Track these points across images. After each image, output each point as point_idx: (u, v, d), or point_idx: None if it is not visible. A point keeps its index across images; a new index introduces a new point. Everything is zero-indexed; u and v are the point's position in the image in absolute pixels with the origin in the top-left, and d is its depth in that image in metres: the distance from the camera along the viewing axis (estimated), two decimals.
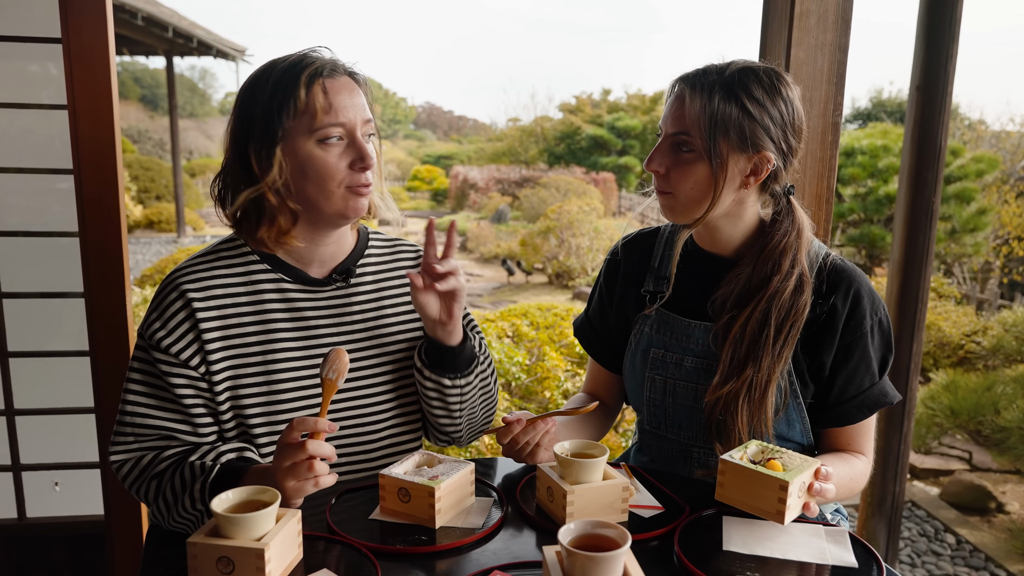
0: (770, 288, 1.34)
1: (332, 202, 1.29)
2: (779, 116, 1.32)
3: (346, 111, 1.27)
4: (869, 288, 1.39)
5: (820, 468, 1.16)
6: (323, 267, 1.40)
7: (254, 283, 1.34)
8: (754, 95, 1.30)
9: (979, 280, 9.01)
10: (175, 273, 1.34)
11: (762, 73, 1.32)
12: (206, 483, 1.22)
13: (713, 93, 1.29)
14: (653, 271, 1.51)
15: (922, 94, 2.54)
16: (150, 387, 1.31)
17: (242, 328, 1.33)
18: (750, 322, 1.34)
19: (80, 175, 1.98)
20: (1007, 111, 30.54)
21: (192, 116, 39.03)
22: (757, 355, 1.33)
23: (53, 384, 2.16)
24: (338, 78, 1.29)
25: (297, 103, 1.25)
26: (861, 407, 1.39)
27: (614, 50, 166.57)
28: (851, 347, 1.37)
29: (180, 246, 12.87)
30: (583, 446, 1.23)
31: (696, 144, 1.31)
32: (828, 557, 1.10)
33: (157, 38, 12.05)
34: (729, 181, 1.33)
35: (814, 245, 1.42)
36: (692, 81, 1.32)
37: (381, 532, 1.15)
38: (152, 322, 1.31)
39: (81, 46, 1.93)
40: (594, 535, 0.97)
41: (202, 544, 0.99)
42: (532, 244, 10.92)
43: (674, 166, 1.34)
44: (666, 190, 1.36)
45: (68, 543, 2.22)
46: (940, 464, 4.41)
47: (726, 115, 1.29)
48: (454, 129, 50.70)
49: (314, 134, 1.26)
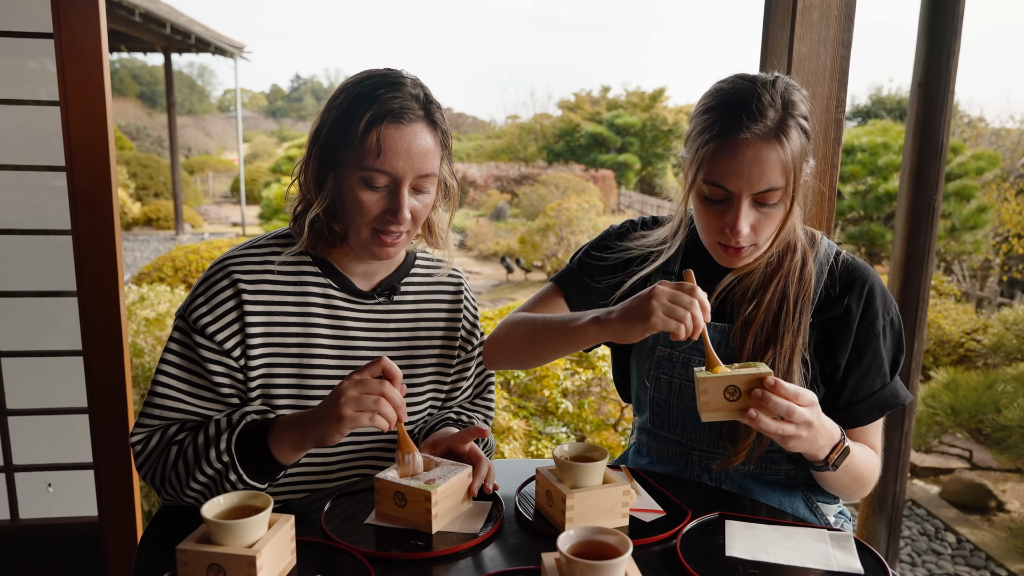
0: (783, 268, 1.35)
1: (359, 239, 1.29)
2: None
3: (397, 162, 1.23)
4: (882, 287, 1.36)
5: (768, 377, 1.12)
6: (369, 280, 1.40)
7: (302, 283, 1.34)
8: (805, 115, 1.27)
9: (979, 278, 9.00)
10: (227, 259, 1.32)
11: (796, 87, 1.28)
12: (232, 435, 1.20)
13: (788, 132, 1.22)
14: (662, 266, 1.46)
15: (924, 91, 2.52)
16: (186, 371, 1.29)
17: (284, 327, 1.32)
18: (771, 305, 1.33)
19: (73, 172, 1.95)
20: (1007, 108, 30.58)
21: (191, 113, 39.00)
22: (778, 334, 1.32)
23: (46, 384, 2.13)
24: (405, 126, 1.23)
25: (353, 137, 1.23)
26: (872, 408, 1.36)
27: (613, 47, 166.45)
28: (863, 347, 1.34)
29: (178, 243, 12.83)
30: (583, 449, 1.21)
31: (778, 196, 1.25)
32: (833, 563, 1.08)
33: (155, 34, 12.01)
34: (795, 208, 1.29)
35: (824, 242, 1.41)
36: (763, 131, 1.21)
37: (377, 537, 1.13)
38: (198, 306, 1.29)
39: (73, 42, 1.90)
40: (594, 542, 0.95)
41: (192, 551, 0.96)
42: (531, 241, 10.91)
43: (759, 220, 1.27)
44: (750, 243, 1.29)
45: (61, 545, 2.20)
46: (940, 463, 4.39)
47: (801, 151, 1.25)
48: (453, 126, 50.31)
49: (360, 172, 1.24)
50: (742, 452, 1.34)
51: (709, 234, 1.32)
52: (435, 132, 1.28)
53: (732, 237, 1.26)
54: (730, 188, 1.24)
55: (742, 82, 1.27)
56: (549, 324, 1.35)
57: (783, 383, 1.12)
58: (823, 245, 1.40)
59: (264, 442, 1.20)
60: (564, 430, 3.55)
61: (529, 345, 1.39)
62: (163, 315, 3.73)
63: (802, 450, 1.20)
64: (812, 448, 1.20)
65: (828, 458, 1.22)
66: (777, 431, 1.13)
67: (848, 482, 1.32)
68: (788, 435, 1.13)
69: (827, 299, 1.36)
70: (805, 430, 1.14)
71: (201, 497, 1.24)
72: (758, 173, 1.22)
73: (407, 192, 1.26)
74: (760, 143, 1.21)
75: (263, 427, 1.22)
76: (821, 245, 1.40)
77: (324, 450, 1.35)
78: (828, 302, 1.35)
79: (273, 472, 1.22)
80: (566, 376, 3.78)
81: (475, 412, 1.57)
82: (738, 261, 1.32)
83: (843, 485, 1.33)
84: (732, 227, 1.25)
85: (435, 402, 1.49)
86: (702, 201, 1.30)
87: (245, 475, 1.20)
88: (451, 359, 1.49)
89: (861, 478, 1.33)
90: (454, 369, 1.50)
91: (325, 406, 1.14)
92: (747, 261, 1.33)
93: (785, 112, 1.23)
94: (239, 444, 1.21)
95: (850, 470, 1.28)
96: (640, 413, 1.55)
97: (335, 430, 1.12)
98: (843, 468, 1.27)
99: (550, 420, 3.62)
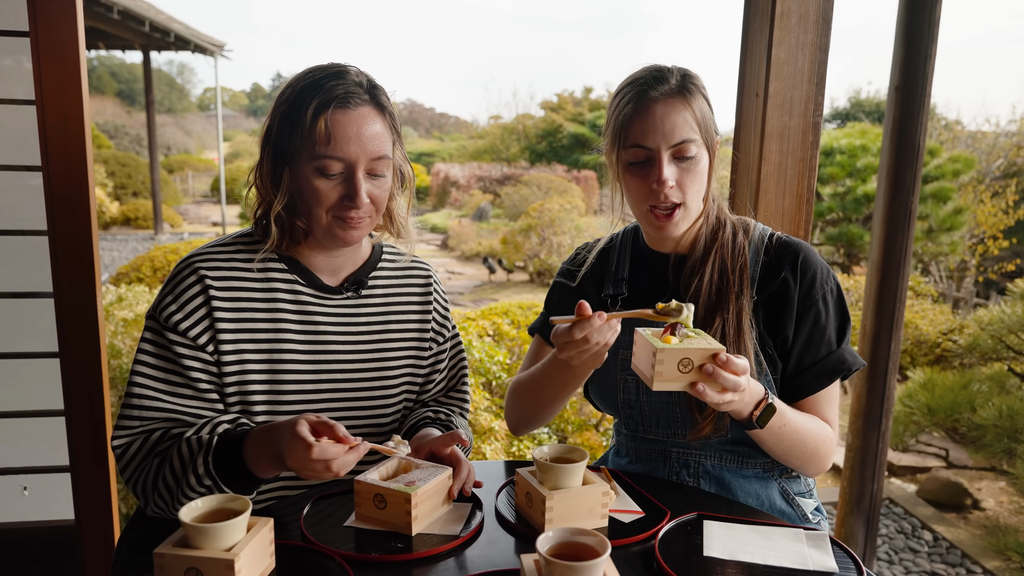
0: (718, 241, 1.44)
1: (321, 227, 1.30)
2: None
3: (348, 146, 1.25)
4: (816, 257, 1.43)
5: (720, 354, 1.15)
6: (336, 276, 1.41)
7: (269, 280, 1.34)
8: (704, 88, 1.41)
9: (955, 279, 9.13)
10: (193, 257, 1.33)
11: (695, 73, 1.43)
12: (208, 456, 1.20)
13: (692, 92, 1.37)
14: (611, 275, 1.54)
15: (901, 94, 2.55)
16: (162, 371, 1.29)
17: (254, 323, 1.32)
18: (712, 276, 1.41)
19: (49, 172, 1.93)
20: (983, 112, 31.01)
21: (170, 112, 38.64)
22: (722, 303, 1.38)
23: (21, 386, 2.11)
24: (352, 110, 1.25)
25: (302, 128, 1.24)
26: (819, 375, 1.40)
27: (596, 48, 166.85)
28: (804, 316, 1.40)
29: (157, 243, 12.70)
30: (563, 451, 1.21)
31: (694, 148, 1.36)
32: (809, 562, 1.09)
33: (134, 32, 11.88)
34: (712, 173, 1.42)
35: (757, 227, 1.48)
36: (669, 90, 1.36)
37: (356, 540, 1.13)
38: (167, 304, 1.29)
39: (50, 40, 1.88)
40: (573, 543, 0.95)
41: (170, 555, 0.96)
42: (513, 242, 10.91)
43: (682, 176, 1.37)
44: (680, 201, 1.37)
45: (38, 549, 2.17)
46: (917, 461, 4.45)
47: (708, 113, 1.40)
48: (436, 126, 50.54)
49: (313, 161, 1.25)
50: (709, 419, 1.37)
51: (640, 201, 1.39)
52: (383, 115, 1.30)
53: (659, 190, 1.35)
54: (648, 145, 1.35)
55: (646, 67, 1.42)
56: (543, 379, 1.41)
57: (733, 359, 1.15)
58: (757, 229, 1.48)
59: (242, 462, 1.19)
60: (546, 431, 3.55)
61: (538, 403, 1.47)
62: (141, 316, 3.69)
63: (731, 410, 1.24)
64: (740, 408, 1.23)
65: (752, 414, 1.25)
66: (719, 401, 1.17)
67: (791, 447, 1.34)
68: (726, 402, 1.18)
69: (766, 275, 1.42)
70: (739, 395, 1.18)
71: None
72: (670, 125, 1.34)
73: (362, 176, 1.27)
74: (668, 99, 1.35)
75: (237, 442, 1.20)
76: (755, 229, 1.48)
77: None
78: (767, 278, 1.42)
79: (258, 482, 1.22)
80: None
81: (451, 404, 1.57)
82: (671, 226, 1.39)
83: (787, 451, 1.35)
84: (658, 180, 1.34)
85: (410, 394, 1.49)
86: (628, 170, 1.39)
87: (231, 491, 1.20)
88: (424, 351, 1.49)
89: (804, 445, 1.35)
90: (427, 361, 1.51)
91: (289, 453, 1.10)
92: (680, 228, 1.41)
93: (685, 79, 1.38)
94: (218, 462, 1.19)
95: (786, 434, 1.31)
96: (615, 417, 1.58)
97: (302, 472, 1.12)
98: (777, 431, 1.30)
99: None
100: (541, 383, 1.42)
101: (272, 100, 1.32)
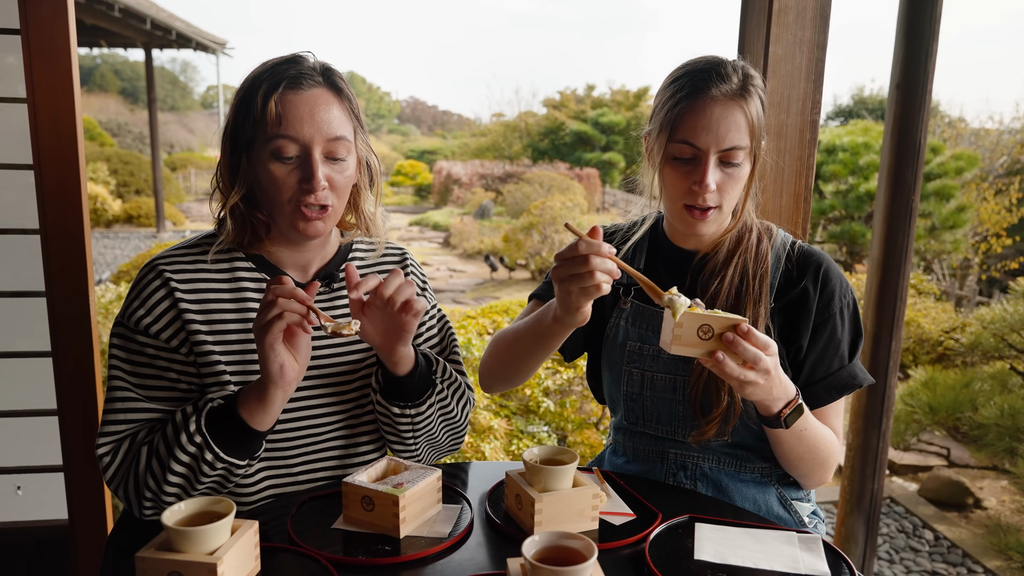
0: (742, 245, 1.41)
1: (283, 217, 1.26)
2: None
3: (301, 127, 1.21)
4: (837, 271, 1.41)
5: (742, 324, 1.13)
6: (304, 272, 1.38)
7: (236, 279, 1.32)
8: (763, 89, 1.36)
9: (958, 277, 9.09)
10: (155, 260, 1.30)
11: (754, 70, 1.37)
12: (201, 415, 1.18)
13: (751, 95, 1.32)
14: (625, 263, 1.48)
15: (902, 92, 2.53)
16: (138, 376, 1.27)
17: (223, 323, 1.30)
18: (733, 279, 1.39)
19: (41, 170, 1.92)
20: (986, 109, 30.91)
21: (173, 109, 38.68)
22: (740, 306, 1.37)
23: (14, 386, 2.10)
24: (305, 90, 1.23)
25: (255, 113, 1.22)
26: (830, 389, 1.39)
27: (598, 46, 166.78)
28: (821, 327, 1.38)
29: (159, 241, 12.72)
30: (553, 452, 1.20)
31: (741, 155, 1.31)
32: (801, 566, 1.08)
33: (135, 30, 11.89)
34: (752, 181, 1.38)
35: (780, 234, 1.46)
36: (729, 90, 1.30)
37: (344, 542, 1.12)
38: (135, 309, 1.27)
39: (41, 38, 1.86)
40: (559, 547, 0.94)
41: (151, 559, 0.95)
42: (515, 240, 10.90)
43: (724, 180, 1.33)
44: (716, 204, 1.34)
45: (31, 548, 2.16)
46: (918, 460, 4.43)
47: (761, 118, 1.35)
48: (438, 124, 50.56)
49: (267, 145, 1.22)
50: (714, 422, 1.35)
51: (676, 197, 1.36)
52: (339, 98, 1.27)
53: (700, 193, 1.31)
54: (699, 144, 1.30)
55: (705, 57, 1.36)
56: (522, 331, 1.38)
57: (756, 332, 1.13)
58: (779, 235, 1.46)
59: (233, 411, 1.18)
60: (546, 429, 3.54)
61: (511, 355, 1.43)
62: None
63: (757, 398, 1.20)
64: (767, 398, 1.20)
65: (781, 412, 1.23)
66: (740, 376, 1.14)
67: (804, 453, 1.33)
68: (748, 381, 1.15)
69: (786, 283, 1.40)
70: (763, 378, 1.15)
71: (184, 493, 1.22)
72: (724, 129, 1.29)
73: (319, 158, 1.23)
74: (727, 101, 1.30)
75: (229, 402, 1.20)
76: (777, 235, 1.46)
77: (283, 446, 1.32)
78: (787, 286, 1.40)
79: (249, 443, 1.20)
80: (548, 375, 3.77)
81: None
82: (703, 225, 1.36)
83: (799, 457, 1.33)
84: (700, 182, 1.30)
85: None
86: (670, 163, 1.34)
87: (222, 452, 1.18)
88: None
89: (818, 452, 1.33)
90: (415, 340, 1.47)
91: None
92: (711, 228, 1.38)
93: (747, 80, 1.32)
94: (209, 423, 1.19)
95: (805, 438, 1.30)
96: (615, 411, 1.56)
97: (269, 361, 1.14)
98: (798, 434, 1.28)
99: (532, 419, 3.61)
100: (519, 335, 1.39)
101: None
